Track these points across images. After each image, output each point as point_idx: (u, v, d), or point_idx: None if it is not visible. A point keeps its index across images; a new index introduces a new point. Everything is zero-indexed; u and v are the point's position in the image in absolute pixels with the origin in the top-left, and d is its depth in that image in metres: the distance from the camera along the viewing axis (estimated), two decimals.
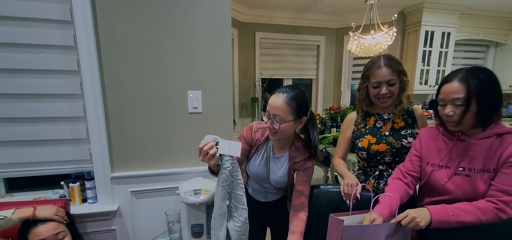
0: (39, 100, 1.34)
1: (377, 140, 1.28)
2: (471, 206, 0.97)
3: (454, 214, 0.96)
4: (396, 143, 1.26)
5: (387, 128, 1.29)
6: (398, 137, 1.27)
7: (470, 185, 1.00)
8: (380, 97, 1.24)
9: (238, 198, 1.11)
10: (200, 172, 1.54)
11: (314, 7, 4.20)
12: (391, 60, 1.22)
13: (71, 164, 1.45)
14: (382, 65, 1.21)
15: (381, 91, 1.22)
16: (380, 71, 1.21)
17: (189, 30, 1.41)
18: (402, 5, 4.18)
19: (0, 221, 1.01)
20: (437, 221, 0.96)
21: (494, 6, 4.26)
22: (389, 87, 1.22)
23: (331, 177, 3.69)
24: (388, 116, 1.32)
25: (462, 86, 0.95)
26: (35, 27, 1.28)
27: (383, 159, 1.29)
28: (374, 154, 1.28)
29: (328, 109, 3.69)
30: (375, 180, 1.31)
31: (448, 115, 0.99)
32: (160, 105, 1.45)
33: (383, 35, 3.10)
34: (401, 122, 1.30)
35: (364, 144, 1.30)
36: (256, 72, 4.61)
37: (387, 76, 1.21)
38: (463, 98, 0.94)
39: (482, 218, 0.95)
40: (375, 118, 1.34)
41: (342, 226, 0.95)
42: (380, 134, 1.29)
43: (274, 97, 1.12)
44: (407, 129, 1.28)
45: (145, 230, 1.55)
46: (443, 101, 1.01)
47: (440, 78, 4.46)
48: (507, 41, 4.75)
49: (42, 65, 1.31)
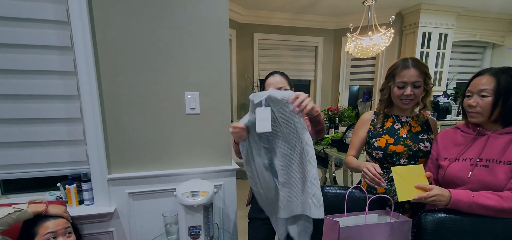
0: (35, 101, 1.33)
1: (395, 140, 1.27)
2: (493, 194, 0.98)
3: (475, 196, 0.98)
4: (413, 146, 1.25)
5: (404, 131, 1.29)
6: (415, 140, 1.27)
7: (488, 175, 1.02)
8: (403, 99, 1.24)
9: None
10: (197, 173, 1.54)
11: (312, 8, 4.21)
12: (418, 62, 1.23)
13: (68, 166, 1.44)
14: (410, 66, 1.21)
15: (406, 92, 1.22)
16: (408, 71, 1.21)
17: (187, 31, 1.40)
18: (399, 6, 4.19)
19: (16, 212, 1.05)
20: (455, 200, 0.98)
21: (491, 8, 4.29)
22: (414, 88, 1.22)
23: (329, 178, 3.69)
24: (406, 119, 1.31)
25: (492, 79, 1.02)
26: (31, 28, 1.27)
27: (399, 161, 1.27)
28: (390, 155, 1.27)
29: (326, 110, 3.70)
30: (388, 182, 1.28)
31: (471, 105, 1.06)
32: (158, 106, 1.44)
33: (381, 36, 3.12)
34: (418, 127, 1.30)
35: (381, 143, 1.29)
36: (254, 73, 4.61)
37: (414, 77, 1.21)
38: (490, 90, 1.01)
39: (504, 205, 0.95)
40: (392, 120, 1.33)
41: (338, 227, 0.95)
42: (398, 136, 1.28)
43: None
44: (424, 134, 1.28)
45: (143, 232, 1.54)
46: (470, 92, 1.08)
47: (438, 79, 4.49)
48: (504, 42, 4.78)
49: (39, 66, 1.30)
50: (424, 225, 1.04)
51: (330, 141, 3.16)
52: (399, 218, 1.05)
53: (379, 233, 0.97)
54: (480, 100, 1.04)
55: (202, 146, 1.54)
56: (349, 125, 3.13)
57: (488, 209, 0.96)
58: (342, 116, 3.64)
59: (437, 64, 4.42)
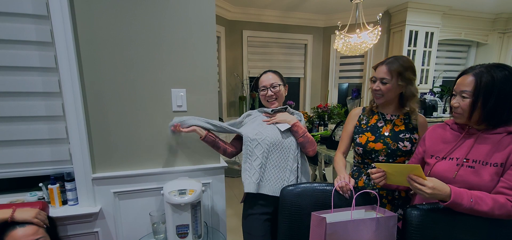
0: (13, 98, 1.28)
1: (375, 138, 1.33)
2: (490, 199, 0.94)
3: (473, 200, 0.94)
4: (392, 145, 1.30)
5: (387, 129, 1.33)
6: (396, 139, 1.30)
7: (472, 176, 0.99)
8: (374, 92, 1.32)
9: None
10: (185, 171, 1.52)
11: (302, 5, 4.22)
12: (393, 61, 1.27)
13: (50, 165, 1.40)
14: (384, 63, 1.28)
15: (374, 86, 1.31)
16: (380, 67, 1.29)
17: (173, 27, 1.38)
18: (387, 4, 4.25)
19: None
20: (455, 203, 0.94)
21: (475, 7, 4.40)
22: (381, 84, 1.28)
23: (319, 175, 3.72)
24: (391, 117, 1.35)
25: (473, 80, 0.97)
26: (8, 22, 1.22)
27: (377, 158, 1.32)
28: (369, 151, 1.33)
29: (315, 108, 3.72)
30: (366, 177, 1.36)
31: (453, 106, 1.03)
32: (143, 103, 1.41)
33: (369, 34, 3.15)
34: (402, 126, 1.33)
35: (362, 140, 1.35)
36: (244, 71, 4.60)
37: (381, 73, 1.27)
38: (470, 92, 0.97)
39: (496, 212, 0.93)
40: (377, 117, 1.38)
41: (325, 223, 0.96)
42: (380, 133, 1.33)
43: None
44: (406, 133, 1.30)
45: (129, 231, 1.52)
46: (454, 91, 1.05)
47: (424, 77, 4.58)
48: (487, 41, 4.92)
49: (16, 62, 1.25)
50: (409, 219, 1.05)
51: (320, 138, 3.17)
52: (385, 213, 1.06)
53: (365, 228, 0.98)
54: (461, 101, 1.01)
55: (189, 144, 1.52)
56: (338, 122, 3.15)
57: (480, 213, 0.95)
58: (332, 113, 3.67)
59: (424, 62, 4.51)
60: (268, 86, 1.45)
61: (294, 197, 1.27)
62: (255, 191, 1.34)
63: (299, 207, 1.26)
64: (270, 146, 1.37)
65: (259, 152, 1.36)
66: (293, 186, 1.30)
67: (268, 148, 1.36)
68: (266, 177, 1.37)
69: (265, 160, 1.36)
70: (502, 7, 4.41)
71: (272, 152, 1.38)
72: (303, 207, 1.26)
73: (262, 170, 1.36)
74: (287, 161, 1.40)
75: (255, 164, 1.36)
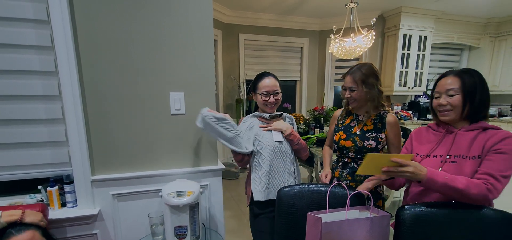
0: (14, 102, 1.29)
1: (346, 136, 1.51)
2: (464, 179, 1.02)
3: (448, 177, 1.02)
4: (359, 143, 1.46)
5: (358, 128, 1.49)
6: (363, 138, 1.46)
7: (456, 171, 1.08)
8: (347, 99, 1.49)
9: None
10: (183, 173, 1.54)
11: (297, 9, 4.27)
12: (357, 71, 1.42)
13: (49, 168, 1.41)
14: (348, 74, 1.45)
15: (346, 94, 1.48)
16: (347, 78, 1.47)
17: (171, 31, 1.40)
18: (381, 9, 4.32)
19: None
20: (431, 179, 1.02)
21: (467, 12, 4.49)
22: (351, 92, 1.45)
23: (315, 177, 3.75)
24: (362, 118, 1.51)
25: (457, 79, 1.10)
26: (9, 27, 1.24)
27: (348, 154, 1.51)
28: (341, 148, 1.53)
29: (311, 110, 3.76)
30: (341, 169, 1.55)
31: (442, 104, 1.13)
32: (142, 106, 1.43)
33: (363, 38, 3.20)
34: (370, 126, 1.48)
35: (336, 138, 1.56)
36: (241, 74, 4.63)
37: (348, 83, 1.45)
38: (457, 89, 1.09)
39: (472, 191, 1.00)
40: (352, 118, 1.55)
41: (321, 223, 0.98)
42: (351, 132, 1.51)
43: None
44: (373, 133, 1.45)
45: (128, 233, 1.53)
46: (438, 93, 1.16)
47: (418, 80, 4.65)
48: (479, 44, 5.01)
49: (17, 66, 1.27)
50: (402, 219, 1.09)
51: (316, 140, 3.21)
52: (379, 213, 1.09)
53: (359, 227, 1.01)
54: (449, 98, 1.11)
55: (187, 146, 1.54)
56: None
57: (456, 191, 1.01)
58: (327, 116, 3.71)
59: (418, 65, 4.58)
60: (271, 92, 1.51)
61: (290, 198, 1.30)
62: (265, 199, 1.47)
63: (295, 207, 1.29)
64: (271, 154, 1.47)
65: (263, 161, 1.47)
66: (290, 187, 1.34)
67: (270, 156, 1.46)
68: (271, 184, 1.49)
69: (268, 168, 1.46)
70: (493, 12, 4.51)
71: (274, 159, 1.48)
72: (299, 207, 1.29)
73: (267, 177, 1.47)
74: (285, 165, 1.51)
75: (260, 173, 1.48)
